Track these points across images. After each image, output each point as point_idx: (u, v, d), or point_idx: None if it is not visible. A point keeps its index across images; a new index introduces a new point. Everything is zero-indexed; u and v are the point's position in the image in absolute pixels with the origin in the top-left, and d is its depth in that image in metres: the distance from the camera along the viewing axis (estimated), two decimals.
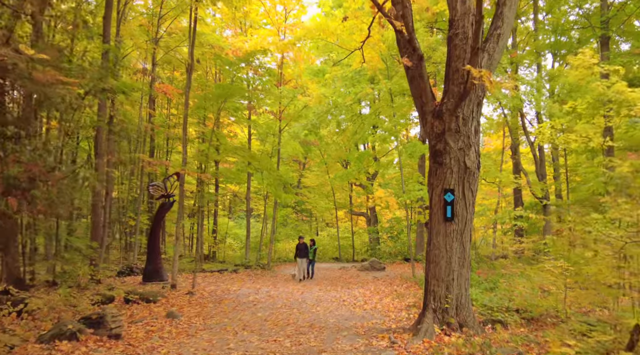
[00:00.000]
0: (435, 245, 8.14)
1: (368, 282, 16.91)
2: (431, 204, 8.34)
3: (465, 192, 8.11)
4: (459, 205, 8.08)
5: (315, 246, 18.71)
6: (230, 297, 12.99)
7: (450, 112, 8.06)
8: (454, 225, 8.06)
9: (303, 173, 33.90)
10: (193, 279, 14.18)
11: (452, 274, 8.02)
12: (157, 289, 13.89)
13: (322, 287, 15.85)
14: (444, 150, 8.13)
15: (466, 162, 8.08)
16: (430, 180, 8.39)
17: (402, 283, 16.10)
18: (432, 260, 8.16)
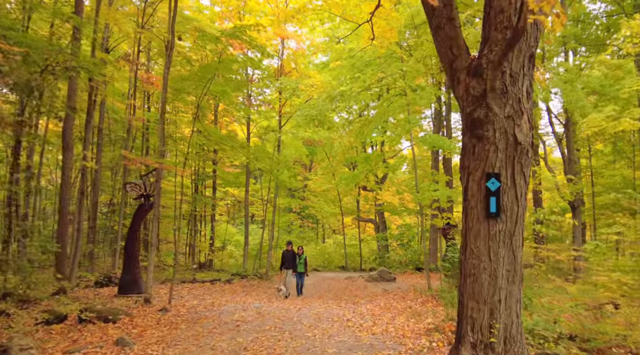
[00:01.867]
0: (473, 252, 5.65)
1: (377, 296, 14.38)
2: (466, 194, 5.86)
3: (516, 178, 5.64)
4: (507, 196, 5.61)
5: (305, 255, 15.13)
6: (211, 315, 10.52)
7: (493, 66, 5.61)
8: (500, 224, 5.58)
9: (308, 176, 31.45)
10: (169, 292, 11.74)
11: (498, 294, 5.53)
12: (126, 305, 11.48)
13: (324, 301, 13.34)
14: (485, 118, 5.67)
15: (517, 136, 5.63)
16: (465, 163, 5.92)
17: (416, 297, 13.55)
18: (469, 273, 5.66)
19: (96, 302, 12.01)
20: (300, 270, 14.85)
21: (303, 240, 31.51)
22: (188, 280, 17.66)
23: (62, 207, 12.49)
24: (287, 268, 14.60)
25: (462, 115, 6.08)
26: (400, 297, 13.84)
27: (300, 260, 14.84)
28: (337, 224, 36.84)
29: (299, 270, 14.83)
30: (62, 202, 12.54)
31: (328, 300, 13.52)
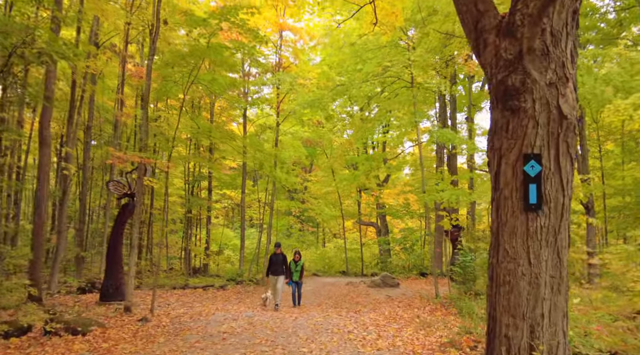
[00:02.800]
0: (507, 254, 4.46)
1: (380, 303, 13.15)
2: (497, 182, 4.66)
3: (561, 160, 4.46)
4: (550, 183, 4.42)
5: (302, 262, 13.08)
6: (196, 326, 9.30)
7: (531, 22, 4.45)
8: (541, 219, 4.39)
9: (307, 177, 30.24)
10: (152, 300, 10.52)
11: (540, 306, 4.34)
12: (104, 313, 10.28)
13: (323, 309, 12.12)
14: (521, 86, 4.49)
15: (561, 107, 4.45)
16: (495, 143, 4.73)
17: (423, 305, 12.32)
18: (503, 280, 4.47)
19: (73, 310, 10.83)
20: (296, 278, 12.82)
21: (303, 244, 30.28)
22: (179, 286, 16.45)
23: (38, 207, 11.30)
24: (276, 274, 12.37)
25: (490, 87, 4.89)
26: (405, 304, 12.61)
27: (297, 267, 12.84)
28: (337, 227, 35.65)
29: (295, 279, 12.80)
30: (37, 201, 11.35)
31: (327, 309, 12.30)
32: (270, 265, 12.54)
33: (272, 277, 12.44)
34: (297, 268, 12.82)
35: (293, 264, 12.86)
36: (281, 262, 12.49)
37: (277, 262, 12.46)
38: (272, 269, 12.43)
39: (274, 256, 12.60)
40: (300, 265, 12.89)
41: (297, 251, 13.24)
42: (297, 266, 12.84)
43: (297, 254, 13.08)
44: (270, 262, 12.61)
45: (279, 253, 12.60)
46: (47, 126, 11.53)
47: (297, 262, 12.88)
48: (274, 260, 12.52)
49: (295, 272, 12.79)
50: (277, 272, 12.37)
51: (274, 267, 12.42)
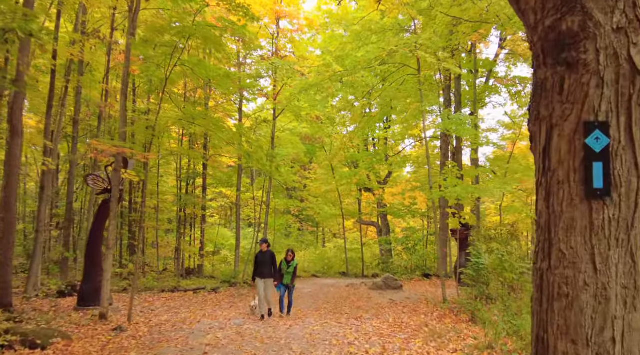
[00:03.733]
0: (564, 256, 3.25)
1: (383, 308, 11.99)
2: (546, 162, 3.45)
3: (635, 130, 3.24)
4: (621, 161, 3.19)
5: (296, 263, 10.94)
6: (177, 337, 8.15)
7: None
8: (610, 209, 3.17)
9: (306, 175, 29.09)
10: (129, 307, 9.36)
11: (610, 327, 3.11)
12: (77, 321, 9.13)
13: (321, 315, 10.95)
14: (580, 31, 3.27)
15: (634, 59, 3.22)
16: (541, 111, 3.50)
17: (430, 310, 11.16)
18: (557, 292, 3.25)
19: (45, 317, 9.68)
20: (287, 282, 10.72)
21: (302, 244, 29.11)
22: (168, 289, 15.30)
23: (6, 204, 10.15)
24: (263, 276, 10.33)
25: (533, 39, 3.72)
26: (411, 310, 11.45)
27: (290, 268, 10.74)
28: (337, 227, 34.54)
29: (286, 282, 10.71)
30: (6, 198, 10.20)
31: (326, 314, 11.13)
32: (257, 266, 10.45)
33: (258, 280, 10.31)
34: (289, 269, 10.74)
35: (284, 264, 10.78)
36: (269, 262, 10.37)
37: (264, 262, 10.35)
38: (258, 271, 10.34)
39: (260, 255, 10.55)
40: (293, 266, 10.78)
41: (291, 250, 11.10)
42: (289, 267, 10.76)
43: (290, 252, 10.98)
44: (256, 263, 10.53)
45: (267, 251, 10.55)
46: (18, 115, 10.40)
47: (290, 263, 10.79)
48: (260, 260, 10.45)
49: (287, 274, 10.71)
50: (264, 274, 10.30)
51: (260, 268, 10.34)
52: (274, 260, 10.51)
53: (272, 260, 10.45)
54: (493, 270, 9.41)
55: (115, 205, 9.65)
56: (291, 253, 11.00)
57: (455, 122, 11.61)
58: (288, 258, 10.87)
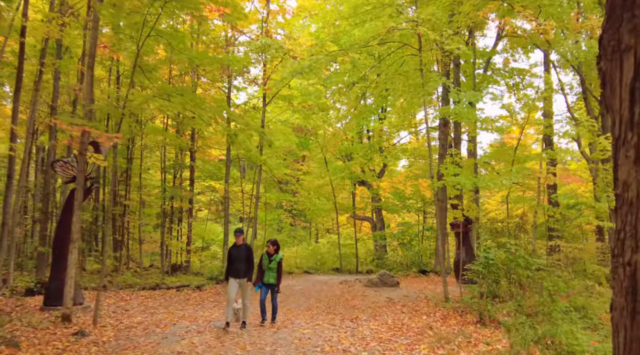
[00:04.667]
0: None
1: (380, 307, 10.89)
2: (634, 106, 2.35)
3: None
4: None
5: (280, 256, 8.76)
6: (146, 343, 7.00)
7: None
8: None
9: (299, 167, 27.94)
10: (95, 307, 8.19)
11: None
12: (35, 324, 7.95)
13: (312, 316, 9.84)
14: None
15: None
16: (623, 37, 2.41)
17: (432, 310, 10.08)
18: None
19: (5, 319, 8.47)
20: (270, 280, 8.51)
21: (294, 240, 27.97)
22: (150, 287, 14.14)
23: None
24: (237, 275, 8.17)
25: None
26: (410, 309, 10.36)
27: (272, 263, 8.53)
28: (331, 222, 33.45)
29: (267, 281, 8.52)
30: None
31: (318, 315, 10.02)
32: (230, 262, 8.29)
33: (231, 280, 8.13)
34: (270, 264, 8.50)
35: (265, 258, 8.58)
36: (244, 257, 8.20)
37: (239, 258, 8.17)
38: (231, 269, 8.18)
39: (234, 249, 8.31)
40: (276, 260, 8.51)
41: (274, 241, 8.80)
42: (270, 262, 8.52)
43: (273, 244, 8.66)
44: (229, 259, 8.33)
45: (242, 244, 8.33)
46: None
47: (272, 257, 8.53)
48: (234, 256, 8.23)
49: (269, 270, 8.48)
50: (238, 272, 8.12)
51: (234, 265, 8.16)
52: (251, 255, 8.36)
53: (249, 256, 8.28)
54: (504, 266, 8.35)
55: (80, 193, 8.48)
56: (274, 245, 8.64)
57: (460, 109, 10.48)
58: (270, 250, 8.60)
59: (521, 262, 7.91)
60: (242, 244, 8.35)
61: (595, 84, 17.25)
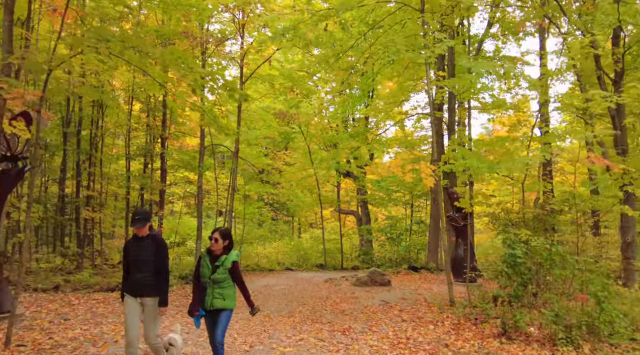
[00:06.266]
0: None
1: (375, 312, 9.03)
2: None
3: None
4: None
5: (235, 257, 4.73)
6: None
7: None
8: None
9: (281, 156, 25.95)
10: (9, 323, 6.10)
11: None
12: None
13: (295, 325, 7.93)
14: None
15: None
16: None
17: (438, 317, 8.24)
18: None
19: None
20: (216, 303, 4.58)
21: (275, 234, 25.96)
22: (107, 288, 12.06)
23: None
24: (135, 292, 4.68)
25: None
26: (412, 316, 8.51)
27: (219, 271, 4.59)
28: (314, 216, 31.55)
29: (212, 305, 4.58)
30: None
31: (302, 323, 8.11)
32: (126, 268, 4.88)
33: (128, 301, 4.69)
34: (217, 274, 4.61)
35: (206, 261, 4.71)
36: (150, 259, 4.67)
37: (140, 261, 4.69)
38: (129, 280, 4.80)
39: (132, 246, 4.80)
40: (226, 266, 4.64)
41: (223, 230, 4.85)
42: (217, 269, 4.63)
43: (221, 234, 4.74)
44: (124, 261, 4.92)
45: (147, 236, 4.76)
46: None
47: (220, 259, 4.68)
48: (132, 256, 4.77)
49: (213, 284, 4.61)
50: (138, 286, 4.68)
51: (132, 273, 4.75)
52: (162, 255, 4.75)
53: (159, 256, 4.70)
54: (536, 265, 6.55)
55: None
56: (222, 236, 4.72)
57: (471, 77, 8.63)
58: (214, 248, 4.71)
59: (557, 260, 6.14)
60: (148, 235, 4.71)
61: None
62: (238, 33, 13.55)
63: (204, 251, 4.81)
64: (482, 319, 7.55)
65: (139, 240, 4.74)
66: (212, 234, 4.73)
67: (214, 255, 4.70)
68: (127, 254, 4.85)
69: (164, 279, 4.77)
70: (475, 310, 8.04)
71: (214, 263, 4.65)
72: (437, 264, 16.48)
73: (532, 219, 9.31)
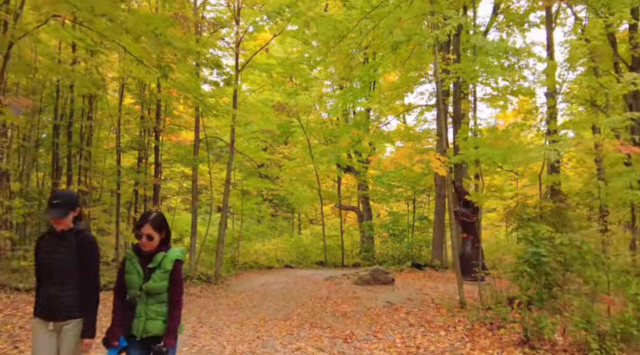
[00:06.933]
0: None
1: (379, 315, 8.23)
2: None
3: None
4: None
5: (179, 255, 3.06)
6: None
7: None
8: None
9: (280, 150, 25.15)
10: None
11: None
12: None
13: (291, 330, 7.15)
14: None
15: None
16: None
17: (447, 320, 7.44)
18: None
19: None
20: (151, 328, 2.93)
21: (275, 231, 25.17)
22: None
23: None
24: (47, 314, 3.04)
25: None
26: (420, 319, 7.71)
27: (153, 279, 2.95)
28: (314, 212, 30.80)
29: (144, 331, 2.93)
30: None
31: (300, 328, 7.32)
32: (38, 276, 3.16)
33: (36, 327, 3.08)
34: (151, 282, 2.96)
35: (134, 262, 3.03)
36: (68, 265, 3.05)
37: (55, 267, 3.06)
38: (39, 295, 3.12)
39: (47, 243, 3.13)
40: (166, 268, 2.99)
41: (152, 219, 3.02)
42: (151, 274, 2.98)
43: (154, 226, 3.00)
44: (36, 267, 3.19)
45: (67, 232, 3.09)
46: None
47: (154, 258, 3.01)
48: (45, 258, 3.11)
49: (146, 300, 2.97)
50: (51, 305, 3.03)
51: (44, 288, 3.08)
52: (91, 259, 3.15)
53: (86, 262, 3.10)
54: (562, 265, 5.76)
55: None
56: (152, 226, 3.00)
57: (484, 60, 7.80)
58: (145, 243, 3.00)
59: (589, 258, 5.34)
60: (71, 230, 3.13)
61: None
62: (233, 17, 12.71)
63: (130, 251, 3.11)
64: (498, 324, 6.76)
65: (57, 237, 3.08)
66: (140, 226, 2.98)
67: (145, 254, 3.01)
68: (38, 255, 3.15)
69: (91, 296, 3.11)
70: (490, 313, 7.25)
71: (146, 265, 2.97)
72: (442, 262, 15.69)
73: (550, 213, 8.52)
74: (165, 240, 3.13)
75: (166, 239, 3.15)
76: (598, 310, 5.85)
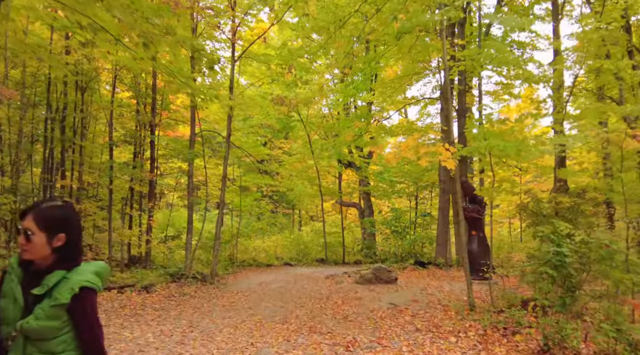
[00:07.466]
0: None
1: (383, 318, 7.63)
2: None
3: None
4: None
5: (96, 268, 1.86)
6: None
7: None
8: None
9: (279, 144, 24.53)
10: None
11: None
12: None
13: (288, 336, 6.56)
14: None
15: None
16: None
17: (457, 324, 6.84)
18: None
19: None
20: None
21: (274, 227, 24.60)
22: None
23: None
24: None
25: None
26: (427, 323, 7.11)
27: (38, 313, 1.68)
28: (315, 209, 30.25)
29: None
30: None
31: (297, 333, 6.73)
32: None
33: None
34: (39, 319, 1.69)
35: (13, 282, 1.78)
36: None
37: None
38: None
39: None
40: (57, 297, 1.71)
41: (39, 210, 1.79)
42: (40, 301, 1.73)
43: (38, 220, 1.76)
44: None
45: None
46: None
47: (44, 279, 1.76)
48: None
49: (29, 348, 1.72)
50: None
51: None
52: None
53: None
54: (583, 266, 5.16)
55: None
56: (35, 220, 1.76)
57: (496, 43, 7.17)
58: (22, 246, 1.77)
59: (617, 259, 4.74)
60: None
61: None
62: (229, 4, 12.09)
63: (13, 259, 1.87)
64: (513, 329, 6.16)
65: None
66: (24, 220, 1.78)
67: (32, 270, 1.82)
68: None
69: None
70: (503, 317, 6.65)
71: (31, 288, 1.76)
72: (446, 259, 15.08)
73: (567, 209, 7.93)
74: (65, 251, 1.82)
75: (68, 249, 1.83)
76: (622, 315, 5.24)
